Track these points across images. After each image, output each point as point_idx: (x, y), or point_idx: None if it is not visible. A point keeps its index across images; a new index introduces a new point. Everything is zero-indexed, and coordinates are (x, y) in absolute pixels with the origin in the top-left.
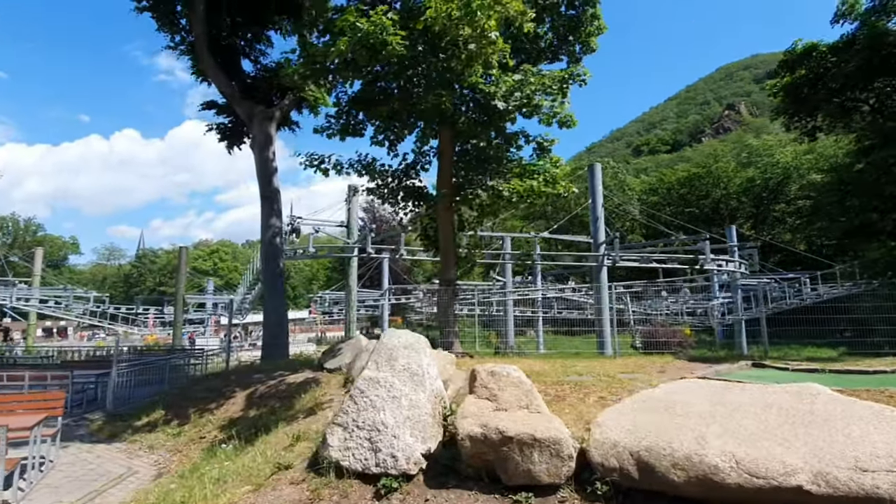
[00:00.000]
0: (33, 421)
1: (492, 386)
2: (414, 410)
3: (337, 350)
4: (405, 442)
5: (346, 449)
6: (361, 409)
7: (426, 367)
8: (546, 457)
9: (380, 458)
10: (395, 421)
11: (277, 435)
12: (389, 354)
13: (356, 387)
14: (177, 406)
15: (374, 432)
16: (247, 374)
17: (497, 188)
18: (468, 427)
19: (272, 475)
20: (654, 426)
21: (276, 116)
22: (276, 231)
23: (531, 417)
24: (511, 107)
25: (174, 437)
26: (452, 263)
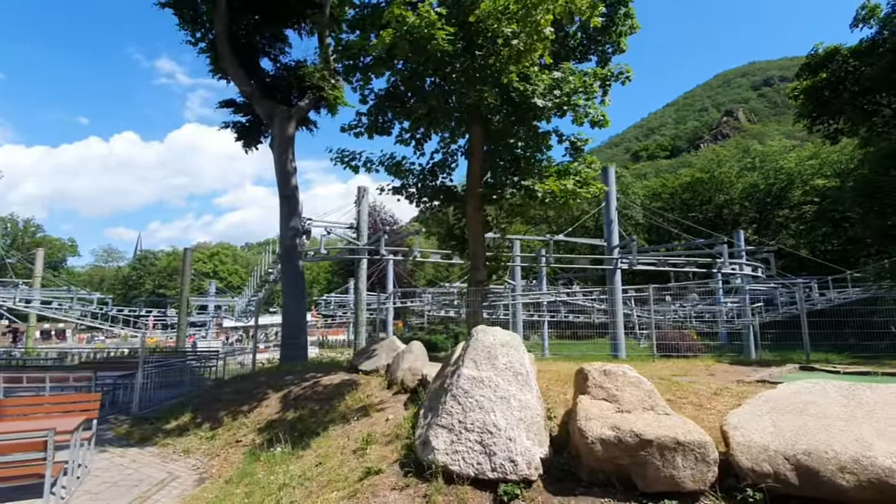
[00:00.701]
0: (74, 424)
1: (608, 386)
2: (526, 412)
3: (371, 352)
4: (523, 445)
5: (455, 452)
6: (468, 410)
7: (528, 365)
8: (691, 461)
9: (495, 462)
10: (507, 423)
11: (332, 438)
12: (488, 353)
13: (458, 387)
14: (206, 409)
15: (485, 434)
16: (275, 375)
17: (531, 188)
18: (597, 430)
19: (361, 480)
20: (798, 428)
21: (296, 116)
22: (295, 232)
23: (663, 420)
24: (551, 105)
25: (208, 440)
26: (481, 265)
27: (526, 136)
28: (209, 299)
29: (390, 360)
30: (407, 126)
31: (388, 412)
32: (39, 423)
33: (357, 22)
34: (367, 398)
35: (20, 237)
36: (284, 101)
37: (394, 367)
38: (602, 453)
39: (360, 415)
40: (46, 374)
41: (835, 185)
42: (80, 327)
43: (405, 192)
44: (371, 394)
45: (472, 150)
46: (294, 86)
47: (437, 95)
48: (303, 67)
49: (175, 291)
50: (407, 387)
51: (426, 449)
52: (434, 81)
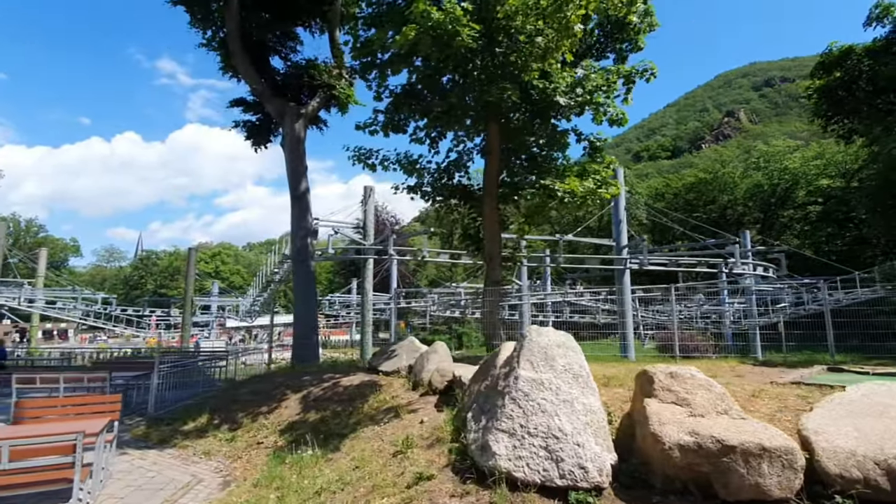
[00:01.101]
0: (100, 425)
1: (676, 389)
2: (591, 416)
3: (390, 352)
4: (592, 451)
5: (518, 458)
6: (529, 413)
7: (587, 367)
8: (777, 468)
9: (564, 468)
10: (573, 427)
11: (364, 440)
12: (544, 354)
13: (518, 389)
14: (224, 410)
15: (550, 440)
16: (292, 375)
17: (551, 187)
18: (675, 435)
19: (412, 486)
20: (883, 432)
21: (307, 115)
22: (306, 231)
23: (741, 424)
24: (573, 103)
25: (228, 442)
26: (498, 264)
27: (545, 134)
28: (212, 299)
29: (412, 360)
30: (422, 124)
31: (420, 414)
32: (67, 424)
33: (375, 19)
34: (392, 399)
35: (22, 237)
36: (295, 99)
37: (417, 367)
38: (680, 460)
39: (390, 417)
40: (60, 375)
41: (840, 185)
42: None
43: (420, 190)
44: (396, 395)
45: (489, 149)
46: (305, 84)
47: (457, 93)
48: (314, 66)
49: (177, 291)
50: (435, 388)
51: (485, 454)
52: (453, 79)
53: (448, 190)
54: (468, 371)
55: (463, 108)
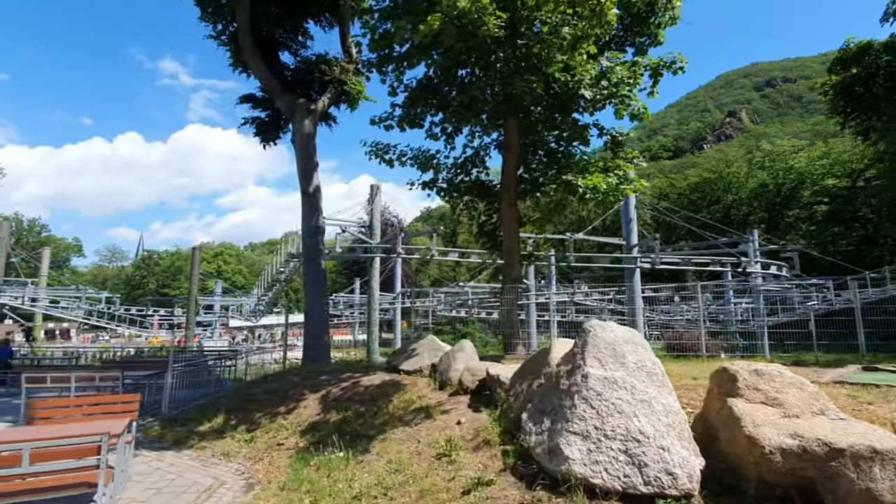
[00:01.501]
0: (121, 426)
1: (764, 388)
2: (673, 417)
3: (410, 351)
4: (680, 455)
5: (595, 463)
6: (604, 414)
7: (660, 364)
8: (890, 472)
9: (649, 474)
10: (655, 430)
11: (395, 442)
12: (613, 350)
13: (589, 388)
14: (240, 410)
15: (630, 443)
16: (308, 375)
17: (573, 183)
18: (774, 438)
19: (469, 492)
20: None
21: (317, 111)
22: (317, 229)
23: (843, 425)
24: (599, 96)
25: (247, 443)
26: (516, 261)
27: (568, 128)
28: (215, 299)
29: (434, 359)
30: (438, 119)
31: (454, 415)
32: (88, 425)
33: (392, 11)
34: (419, 399)
35: (25, 236)
36: (305, 95)
37: (443, 366)
38: (782, 465)
39: (421, 417)
40: (71, 374)
41: (846, 184)
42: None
43: (435, 186)
44: (422, 395)
45: (507, 144)
46: (316, 80)
47: (479, 85)
48: (325, 61)
49: (179, 291)
50: (466, 388)
51: (555, 458)
52: (472, 72)
53: (464, 186)
54: (505, 370)
55: (483, 102)
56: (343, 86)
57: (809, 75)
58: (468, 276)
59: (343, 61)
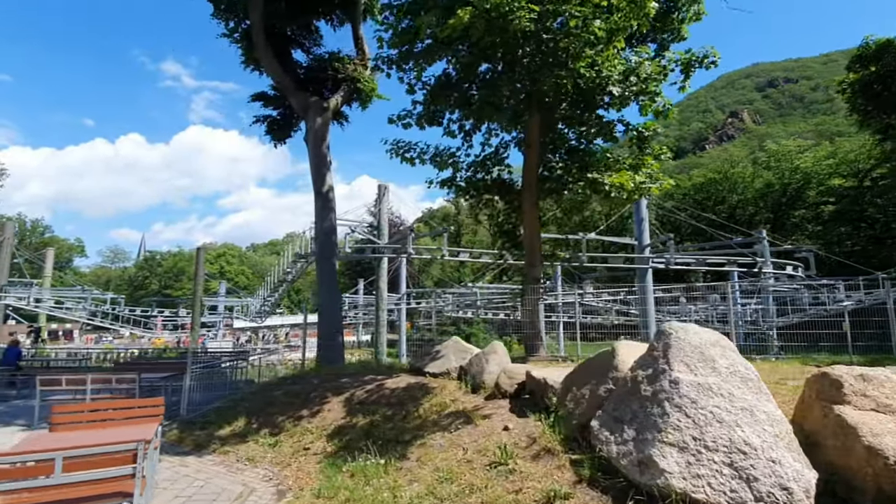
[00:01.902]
0: (151, 431)
1: (873, 394)
2: (778, 426)
3: (435, 353)
4: (793, 468)
5: (696, 477)
6: (702, 423)
7: (753, 369)
8: None
9: (760, 489)
10: (761, 440)
11: (437, 448)
12: (701, 354)
13: (682, 395)
14: (261, 413)
15: (735, 455)
16: (328, 377)
17: (599, 181)
18: None
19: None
20: None
21: (330, 109)
22: (331, 227)
23: None
24: (627, 92)
25: (271, 447)
26: (538, 261)
27: (594, 125)
28: (219, 299)
29: (462, 361)
30: (455, 117)
31: (496, 420)
32: (119, 431)
33: (412, 6)
34: (452, 403)
35: (28, 237)
36: (317, 93)
37: (475, 369)
38: None
39: (460, 422)
40: (87, 376)
41: (852, 184)
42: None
43: (454, 184)
44: (456, 398)
45: (529, 141)
46: (329, 78)
47: (504, 81)
48: (337, 58)
49: (182, 292)
50: (504, 391)
51: (648, 471)
52: (493, 67)
53: (487, 184)
54: (552, 373)
55: (506, 98)
56: (356, 83)
57: (811, 76)
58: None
59: (356, 59)
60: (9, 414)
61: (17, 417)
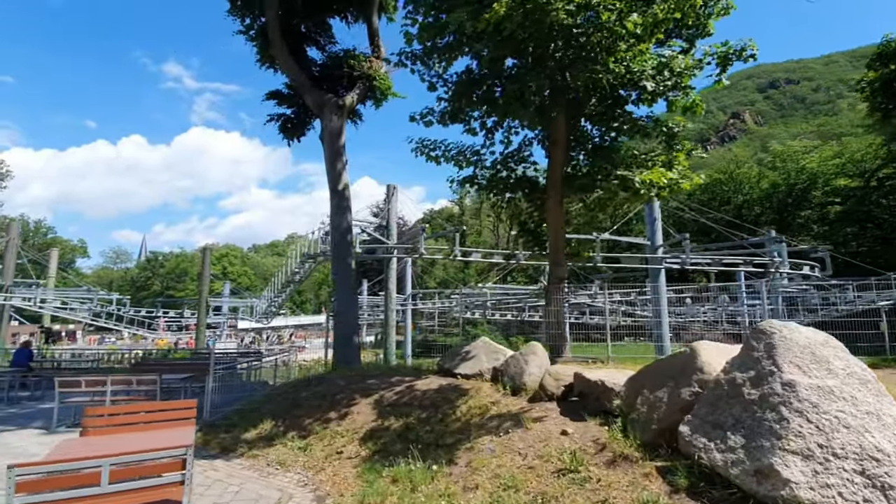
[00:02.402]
0: (189, 435)
1: None
2: None
3: (465, 354)
4: None
5: (825, 487)
6: (828, 430)
7: (870, 370)
8: None
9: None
10: (893, 446)
11: (485, 453)
12: (812, 355)
13: (801, 399)
14: (286, 415)
15: (867, 462)
16: (353, 378)
17: (629, 178)
18: None
19: None
20: None
21: (346, 106)
22: (347, 227)
23: None
24: (662, 87)
25: (302, 451)
26: (563, 260)
27: (626, 122)
28: (223, 300)
29: (495, 362)
30: (476, 114)
31: (550, 423)
32: (160, 435)
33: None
34: (493, 406)
35: (31, 238)
36: (332, 91)
37: (513, 370)
38: None
39: (509, 425)
40: (107, 378)
41: (858, 184)
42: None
43: (476, 183)
44: (496, 401)
45: (555, 138)
46: (345, 76)
47: (532, 76)
48: (352, 56)
49: (184, 293)
50: (551, 394)
51: (768, 481)
52: (520, 63)
53: (512, 182)
54: (611, 375)
55: (532, 94)
56: (371, 81)
57: (812, 76)
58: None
59: (371, 57)
60: (24, 416)
61: (32, 420)
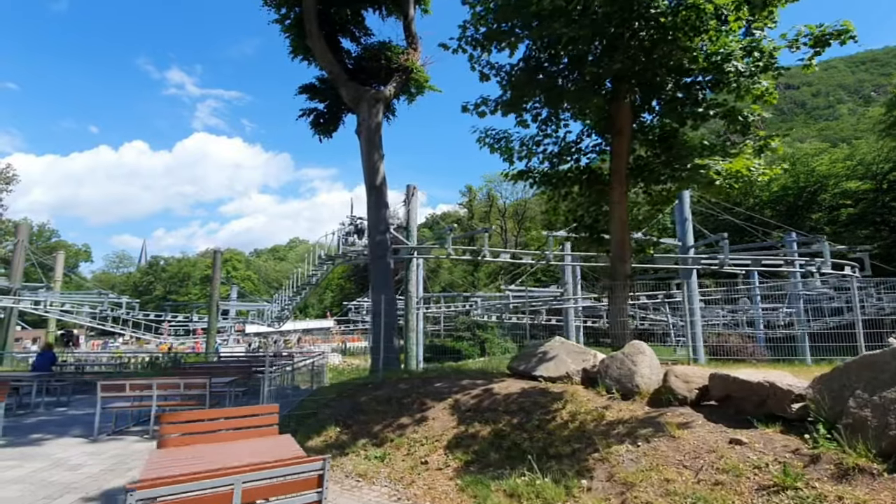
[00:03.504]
0: (291, 445)
1: None
2: None
3: (541, 355)
4: None
5: None
6: None
7: None
8: None
9: None
10: None
11: (630, 465)
12: None
13: None
14: (350, 421)
15: None
16: (417, 382)
17: (713, 168)
18: None
19: None
20: None
21: (384, 99)
22: (385, 225)
23: None
24: (753, 68)
25: (380, 461)
26: (627, 256)
27: (702, 109)
28: (231, 304)
29: (584, 363)
30: (535, 103)
31: (704, 430)
32: (258, 444)
33: None
34: (606, 411)
35: (35, 241)
36: (367, 84)
37: (615, 372)
38: None
39: (649, 433)
40: (153, 381)
41: (869, 186)
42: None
43: (529, 176)
44: (605, 405)
45: (619, 127)
46: (382, 68)
47: (600, 61)
48: (389, 47)
49: (188, 297)
50: (683, 397)
51: None
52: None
53: (564, 175)
54: (779, 377)
55: (597, 79)
56: (409, 74)
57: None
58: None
59: (407, 49)
60: (57, 424)
61: (68, 427)
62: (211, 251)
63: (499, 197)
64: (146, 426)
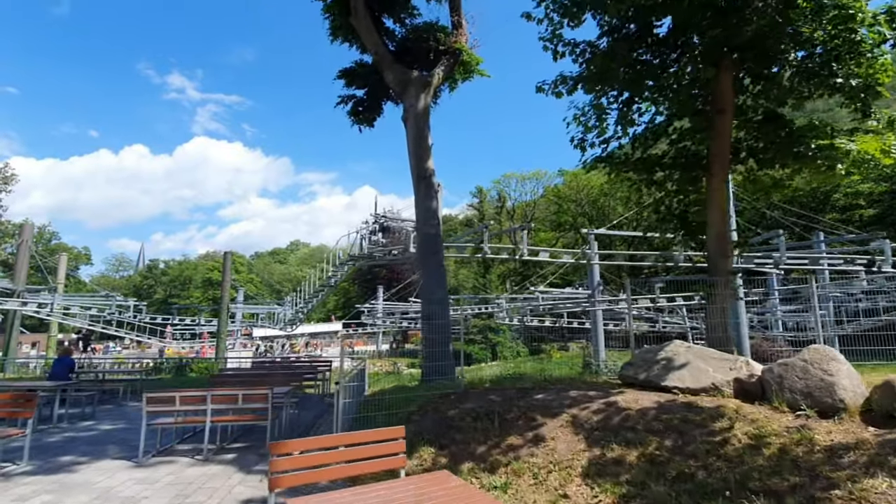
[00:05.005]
0: (452, 479)
1: None
2: None
3: (664, 361)
4: None
5: None
6: None
7: None
8: None
9: None
10: None
11: None
12: None
13: None
14: (444, 440)
15: None
16: (512, 395)
17: (843, 148)
18: None
19: None
20: None
21: (432, 83)
22: (436, 218)
23: None
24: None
25: (503, 491)
26: (729, 250)
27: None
28: (238, 306)
29: (733, 372)
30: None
31: None
32: (418, 484)
33: None
34: (808, 433)
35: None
36: (413, 68)
37: (800, 384)
38: None
39: None
40: (208, 393)
41: (885, 188)
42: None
43: (611, 162)
44: (802, 425)
45: (721, 106)
46: (430, 50)
47: (700, 30)
48: (437, 28)
49: (189, 300)
50: None
51: None
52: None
53: (655, 160)
54: None
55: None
56: (458, 56)
57: None
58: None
59: (455, 31)
60: (86, 441)
61: (103, 446)
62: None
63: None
64: (192, 444)
